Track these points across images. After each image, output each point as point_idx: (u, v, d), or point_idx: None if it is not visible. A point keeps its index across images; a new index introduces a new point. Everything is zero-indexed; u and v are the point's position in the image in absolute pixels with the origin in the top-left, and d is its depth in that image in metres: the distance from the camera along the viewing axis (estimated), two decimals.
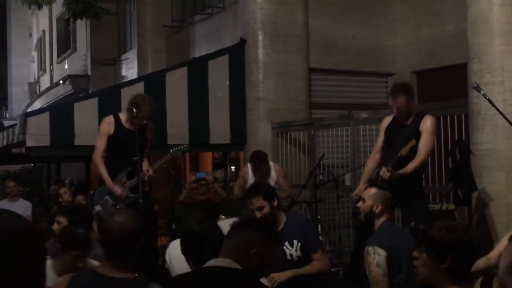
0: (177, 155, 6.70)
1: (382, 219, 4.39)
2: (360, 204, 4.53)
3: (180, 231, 3.86)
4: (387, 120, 6.00)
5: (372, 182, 4.83)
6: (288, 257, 4.49)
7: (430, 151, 5.74)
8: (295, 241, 4.51)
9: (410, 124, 5.72)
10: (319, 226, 7.51)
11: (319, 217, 7.76)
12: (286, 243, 4.50)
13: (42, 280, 1.53)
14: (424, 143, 5.56)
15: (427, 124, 5.64)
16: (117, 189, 6.17)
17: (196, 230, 3.53)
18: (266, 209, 4.50)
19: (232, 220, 4.18)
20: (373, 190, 4.50)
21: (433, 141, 5.73)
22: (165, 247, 5.84)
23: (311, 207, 8.41)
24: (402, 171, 5.41)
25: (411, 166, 5.44)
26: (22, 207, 9.34)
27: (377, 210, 4.39)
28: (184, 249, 3.59)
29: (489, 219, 6.45)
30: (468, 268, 2.72)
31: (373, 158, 5.96)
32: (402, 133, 5.70)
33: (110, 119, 6.38)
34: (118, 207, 6.10)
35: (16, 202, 9.57)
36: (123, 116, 6.37)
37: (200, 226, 3.54)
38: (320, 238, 4.81)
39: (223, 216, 6.66)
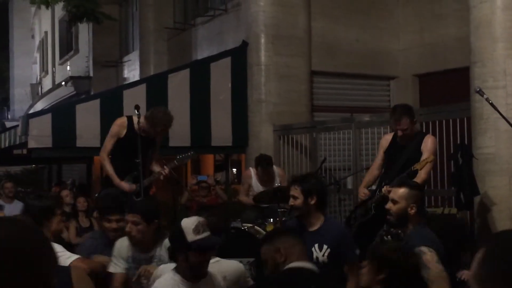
0: (183, 163, 6.68)
1: (417, 220, 4.20)
2: (389, 205, 4.30)
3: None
4: (387, 138, 6.07)
5: (401, 181, 4.62)
6: (314, 259, 4.34)
7: (430, 171, 5.89)
8: (325, 246, 4.37)
9: (411, 144, 5.77)
10: None
11: None
12: (316, 245, 4.37)
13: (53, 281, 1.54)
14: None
15: (428, 144, 5.74)
16: (125, 186, 6.14)
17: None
18: (298, 202, 4.41)
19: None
20: (404, 190, 4.26)
21: (434, 161, 5.81)
22: None
23: None
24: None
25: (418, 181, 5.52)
26: (18, 209, 9.32)
27: (412, 212, 4.19)
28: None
29: (491, 223, 6.43)
30: (402, 285, 3.14)
31: (372, 173, 6.09)
32: (404, 154, 5.78)
33: (123, 122, 6.33)
34: None
35: (11, 203, 9.56)
36: (136, 121, 6.22)
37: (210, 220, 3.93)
38: (357, 251, 4.67)
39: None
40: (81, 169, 16.86)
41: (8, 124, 24.06)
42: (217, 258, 4.15)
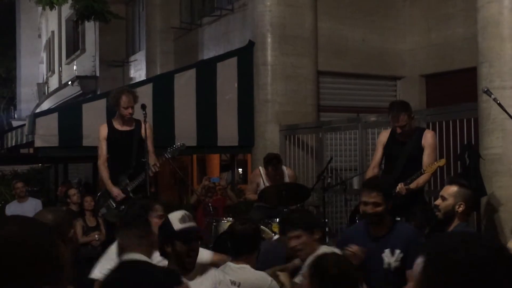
0: (174, 155, 6.74)
1: (462, 219, 4.21)
2: (438, 201, 4.30)
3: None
4: (385, 134, 6.06)
5: (453, 179, 4.57)
6: (385, 265, 4.22)
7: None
8: (397, 251, 4.21)
9: (411, 140, 5.76)
10: (327, 229, 7.47)
11: (326, 220, 7.72)
12: (387, 251, 4.23)
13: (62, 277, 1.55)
14: (429, 159, 5.69)
15: (428, 139, 5.76)
16: (114, 191, 6.42)
17: (238, 230, 4.08)
18: (381, 209, 4.26)
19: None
20: (455, 188, 4.28)
21: (436, 155, 5.84)
22: None
23: (318, 210, 8.39)
24: (413, 185, 5.56)
25: (421, 180, 5.62)
26: (32, 206, 9.35)
27: (460, 210, 4.20)
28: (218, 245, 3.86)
29: (498, 224, 6.41)
30: None
31: (373, 173, 6.03)
32: (404, 150, 5.79)
33: (103, 125, 6.67)
34: (121, 209, 6.26)
35: (25, 202, 9.59)
36: (114, 119, 6.64)
37: (243, 227, 4.08)
38: None
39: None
40: (86, 168, 16.88)
41: (15, 124, 24.14)
42: (245, 265, 4.05)
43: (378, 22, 10.81)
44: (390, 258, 4.24)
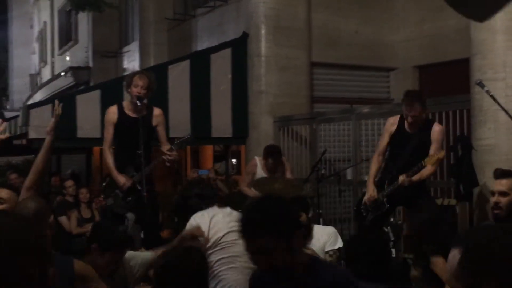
0: (182, 148, 6.64)
1: None
2: (497, 199, 4.00)
3: None
4: (392, 122, 6.01)
5: (506, 171, 4.28)
6: None
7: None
8: None
9: (419, 132, 5.76)
10: (321, 220, 7.53)
11: (320, 211, 7.78)
12: None
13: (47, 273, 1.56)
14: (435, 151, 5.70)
15: (436, 134, 5.77)
16: (120, 179, 6.08)
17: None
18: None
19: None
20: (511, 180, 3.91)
21: (442, 149, 5.87)
22: (167, 240, 5.87)
23: (313, 201, 8.44)
24: (416, 177, 5.59)
25: (426, 173, 5.64)
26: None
27: None
28: None
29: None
30: None
31: (377, 161, 6.04)
32: (411, 142, 5.76)
33: (113, 108, 6.30)
34: (128, 200, 6.08)
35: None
36: (126, 104, 6.31)
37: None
38: None
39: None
40: (80, 159, 16.88)
41: (8, 115, 24.04)
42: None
43: (371, 13, 10.83)
44: None
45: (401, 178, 5.57)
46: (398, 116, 6.00)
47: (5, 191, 3.84)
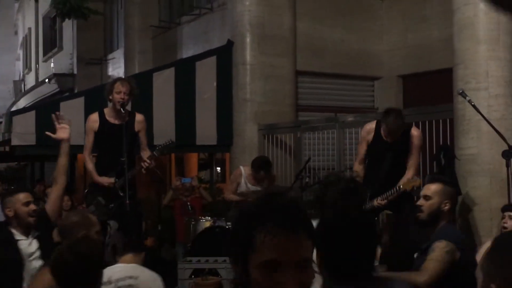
0: (164, 154, 6.64)
1: (447, 218, 4.01)
2: (421, 202, 4.08)
3: None
4: (369, 129, 6.08)
5: (434, 177, 4.44)
6: None
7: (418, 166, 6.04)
8: None
9: (398, 141, 5.80)
10: None
11: None
12: None
13: None
14: (414, 160, 5.87)
15: (415, 141, 5.87)
16: (103, 180, 6.07)
17: None
18: None
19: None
20: (438, 186, 4.06)
21: (420, 156, 6.00)
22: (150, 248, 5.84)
23: None
24: (391, 197, 5.69)
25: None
26: None
27: (445, 208, 4.00)
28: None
29: (472, 223, 6.52)
30: None
31: (359, 169, 6.10)
32: (391, 152, 5.83)
33: (94, 116, 6.32)
34: (110, 207, 6.05)
35: None
36: (107, 110, 6.30)
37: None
38: None
39: None
40: None
41: None
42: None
43: (356, 22, 10.89)
44: None
45: (377, 202, 5.69)
46: (374, 122, 6.05)
47: None
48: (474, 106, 5.32)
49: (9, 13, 29.69)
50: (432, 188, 4.07)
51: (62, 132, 4.93)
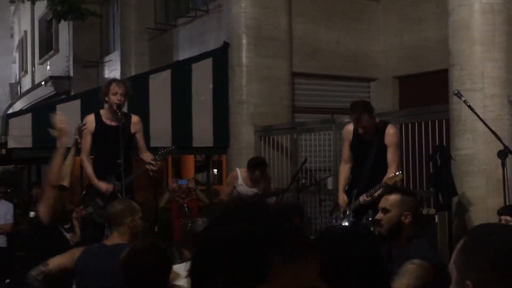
0: (165, 159, 6.62)
1: (410, 231, 3.63)
2: (380, 215, 3.74)
3: None
4: (349, 130, 6.14)
5: (390, 187, 4.22)
6: None
7: (399, 161, 6.03)
8: None
9: (375, 138, 5.85)
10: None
11: None
12: None
13: None
14: (393, 157, 5.84)
15: (391, 137, 5.88)
16: (102, 185, 6.02)
17: None
18: None
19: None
20: (397, 197, 3.71)
21: (399, 150, 6.01)
22: None
23: None
24: (377, 194, 5.61)
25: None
26: (4, 209, 9.27)
27: (407, 221, 3.63)
28: None
29: (469, 224, 6.53)
30: None
31: (344, 169, 6.19)
32: (371, 150, 5.89)
33: (90, 117, 6.25)
34: None
35: None
36: (103, 112, 6.24)
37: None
38: None
39: None
40: None
41: None
42: None
43: (352, 24, 10.91)
44: None
45: (362, 198, 5.76)
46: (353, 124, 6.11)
47: None
48: (469, 107, 5.34)
49: (5, 16, 29.67)
50: (389, 200, 3.71)
51: (62, 132, 4.97)
